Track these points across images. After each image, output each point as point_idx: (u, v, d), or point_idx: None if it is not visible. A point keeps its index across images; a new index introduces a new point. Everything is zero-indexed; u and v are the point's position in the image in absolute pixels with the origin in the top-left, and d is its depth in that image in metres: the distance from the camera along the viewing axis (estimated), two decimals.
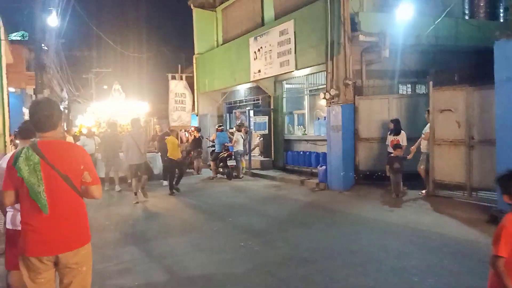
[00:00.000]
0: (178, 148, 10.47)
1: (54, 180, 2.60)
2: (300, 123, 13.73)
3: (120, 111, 14.21)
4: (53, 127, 2.71)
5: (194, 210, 8.70)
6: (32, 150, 2.59)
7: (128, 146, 9.42)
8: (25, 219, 2.63)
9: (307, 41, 11.34)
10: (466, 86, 8.03)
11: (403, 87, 11.87)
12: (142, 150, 9.39)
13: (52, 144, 2.68)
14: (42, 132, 2.70)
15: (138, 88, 24.17)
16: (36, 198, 2.54)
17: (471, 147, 7.88)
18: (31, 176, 2.54)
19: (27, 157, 2.57)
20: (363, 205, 8.46)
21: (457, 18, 11.64)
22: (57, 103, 2.93)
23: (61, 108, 2.93)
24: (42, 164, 2.58)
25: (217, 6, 18.07)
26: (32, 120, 2.74)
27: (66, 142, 3.00)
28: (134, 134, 9.52)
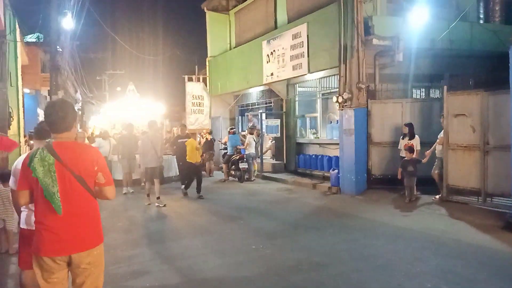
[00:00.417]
0: (197, 152, 10.17)
1: (68, 180, 2.64)
2: (312, 126, 13.71)
3: (135, 111, 14.15)
4: (68, 128, 2.75)
5: (206, 212, 8.73)
6: (47, 151, 2.63)
7: (145, 148, 9.31)
8: (39, 219, 2.67)
9: (320, 44, 11.33)
10: (481, 91, 7.95)
11: (416, 91, 11.78)
12: (158, 153, 9.30)
13: (66, 145, 2.72)
14: (57, 133, 2.74)
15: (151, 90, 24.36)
16: (51, 199, 2.58)
17: (486, 152, 7.79)
18: (45, 176, 2.58)
19: (42, 158, 2.61)
20: (376, 209, 8.41)
21: (472, 22, 11.53)
22: (72, 104, 2.96)
23: (76, 110, 2.97)
24: (56, 164, 2.62)
25: (230, 9, 18.17)
26: (47, 121, 2.78)
27: (81, 143, 3.03)
28: (151, 137, 9.40)
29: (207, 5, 18.25)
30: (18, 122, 11.27)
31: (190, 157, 10.06)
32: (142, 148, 9.44)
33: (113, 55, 29.89)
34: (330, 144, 11.97)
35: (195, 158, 10.09)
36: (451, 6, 11.49)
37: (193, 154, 10.04)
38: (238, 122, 17.96)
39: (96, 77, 29.28)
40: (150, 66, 28.25)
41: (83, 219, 2.70)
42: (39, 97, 20.74)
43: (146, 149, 9.27)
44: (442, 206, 8.19)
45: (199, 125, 10.27)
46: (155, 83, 28.15)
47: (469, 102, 8.12)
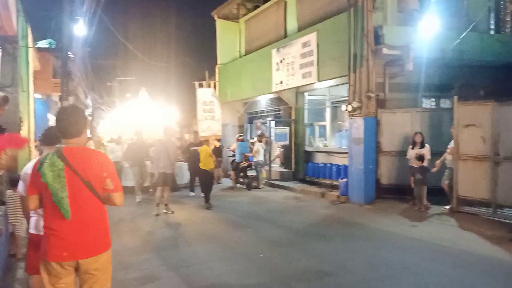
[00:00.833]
0: (211, 158, 9.94)
1: (77, 186, 2.65)
2: (321, 134, 13.70)
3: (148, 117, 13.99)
4: (78, 134, 2.78)
5: (213, 219, 8.74)
6: (57, 156, 2.66)
7: (159, 154, 9.19)
8: (48, 223, 2.68)
9: (330, 53, 11.36)
10: (492, 102, 7.90)
11: (426, 101, 11.72)
12: (172, 159, 9.22)
13: (76, 150, 2.74)
14: (67, 138, 2.76)
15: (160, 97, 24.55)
16: (59, 204, 2.59)
17: (496, 163, 7.71)
18: (55, 181, 2.60)
19: (52, 163, 2.63)
20: (385, 219, 8.35)
21: (483, 33, 11.48)
22: (83, 110, 2.99)
23: (86, 116, 3.00)
24: (66, 170, 2.64)
25: (240, 18, 18.30)
26: (58, 126, 2.80)
27: (90, 149, 3.06)
28: (166, 142, 9.30)
29: (218, 13, 18.41)
30: (29, 127, 11.40)
31: (204, 164, 9.87)
32: (156, 154, 9.32)
33: (124, 62, 30.25)
34: (339, 153, 11.93)
35: (209, 165, 9.91)
36: (462, 16, 11.45)
37: (207, 161, 9.86)
38: (247, 129, 18.00)
39: (107, 83, 29.60)
40: (160, 72, 28.52)
41: (91, 224, 2.71)
42: (50, 103, 20.99)
43: (159, 155, 9.18)
44: (452, 217, 8.11)
45: (211, 132, 10.06)
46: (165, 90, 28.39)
47: (479, 113, 8.07)
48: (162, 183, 9.18)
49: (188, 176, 12.39)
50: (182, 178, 13.00)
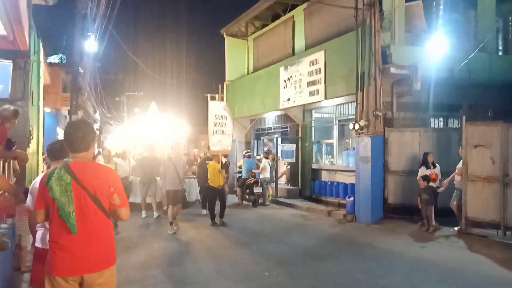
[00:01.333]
0: (219, 175, 9.58)
1: (84, 200, 2.66)
2: (328, 152, 13.66)
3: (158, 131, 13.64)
4: (86, 148, 2.80)
5: (219, 236, 8.67)
6: (64, 170, 2.67)
7: (167, 170, 9.09)
8: (54, 237, 2.68)
9: (337, 71, 11.41)
10: (501, 122, 7.86)
11: (435, 121, 11.69)
12: (181, 176, 9.12)
13: (84, 165, 2.76)
14: (75, 153, 2.78)
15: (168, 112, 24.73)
16: (66, 218, 2.60)
17: (506, 184, 7.62)
18: (62, 195, 2.61)
19: (60, 177, 2.65)
20: (392, 239, 8.24)
21: (491, 53, 11.49)
22: (91, 125, 3.01)
23: (95, 130, 3.02)
24: (73, 184, 2.65)
25: (249, 35, 18.52)
26: (66, 140, 2.83)
27: (98, 163, 3.07)
28: (174, 159, 9.22)
29: (226, 31, 18.65)
30: (38, 140, 11.49)
31: (211, 181, 9.65)
32: (165, 170, 9.20)
33: (133, 77, 30.61)
34: (346, 171, 11.87)
35: (217, 181, 9.59)
36: (470, 37, 11.49)
37: (215, 177, 9.60)
38: (254, 146, 18.02)
39: (115, 98, 29.90)
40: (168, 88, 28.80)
41: (97, 239, 2.70)
42: (59, 116, 21.20)
43: (168, 172, 9.06)
44: (460, 239, 7.98)
45: (221, 147, 9.83)
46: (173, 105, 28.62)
47: (488, 133, 8.02)
48: (172, 200, 9.03)
49: (197, 192, 12.12)
50: (191, 195, 12.71)
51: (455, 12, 11.34)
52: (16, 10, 5.94)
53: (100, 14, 14.84)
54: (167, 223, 9.03)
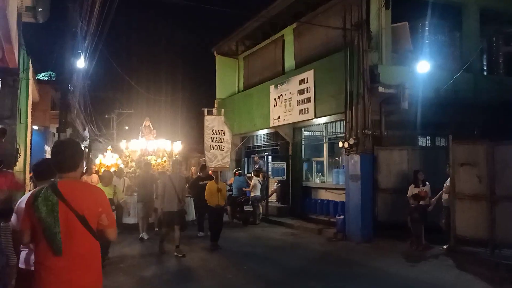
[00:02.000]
0: (217, 194, 8.96)
1: (71, 221, 2.62)
2: (319, 170, 13.71)
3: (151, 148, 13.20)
4: (74, 168, 2.77)
5: (208, 255, 8.57)
6: (51, 191, 2.63)
7: (165, 189, 8.30)
8: (39, 259, 2.64)
9: (327, 90, 11.56)
10: (487, 141, 8.00)
11: (422, 139, 11.86)
12: (180, 195, 8.38)
13: (72, 184, 2.73)
14: (62, 173, 2.74)
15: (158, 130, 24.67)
16: (52, 239, 2.55)
17: (493, 202, 7.72)
18: (48, 216, 2.56)
19: (46, 197, 2.60)
20: (383, 258, 8.25)
21: (476, 73, 11.78)
22: (79, 144, 2.99)
23: (82, 149, 3.01)
24: (60, 205, 2.60)
25: (239, 54, 18.73)
26: (53, 160, 2.80)
27: (85, 183, 3.06)
28: (173, 177, 8.51)
29: (217, 50, 18.85)
30: (25, 158, 11.36)
31: (209, 201, 9.06)
32: (162, 189, 8.41)
33: (123, 95, 30.55)
34: (336, 189, 11.91)
35: (214, 200, 9.00)
36: (455, 57, 11.78)
37: (212, 197, 8.99)
38: (244, 164, 18.01)
39: (105, 115, 29.78)
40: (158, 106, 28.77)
41: (84, 261, 2.67)
42: (47, 134, 21.02)
43: (166, 191, 8.30)
44: (450, 257, 8.02)
45: (218, 164, 9.27)
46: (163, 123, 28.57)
47: (474, 152, 8.15)
48: (169, 222, 8.36)
49: (193, 213, 11.57)
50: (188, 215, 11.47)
51: (440, 33, 11.65)
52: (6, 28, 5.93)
53: (91, 32, 14.90)
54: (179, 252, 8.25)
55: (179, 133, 23.13)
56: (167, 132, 23.10)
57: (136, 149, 13.24)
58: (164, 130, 23.71)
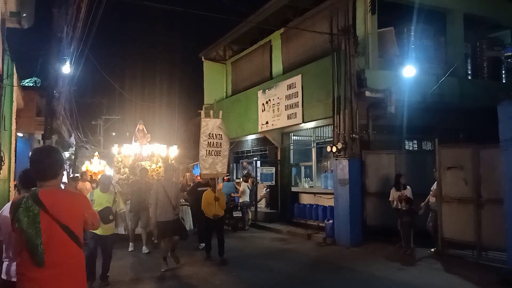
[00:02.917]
0: (215, 203, 8.36)
1: (54, 231, 2.57)
2: (307, 175, 13.74)
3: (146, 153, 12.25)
4: (55, 176, 2.71)
5: (197, 262, 8.50)
6: (32, 201, 2.56)
7: (158, 197, 7.65)
8: (21, 270, 2.58)
9: (314, 95, 11.62)
10: (472, 145, 8.10)
11: (409, 143, 11.98)
12: (173, 203, 7.68)
13: (53, 193, 2.67)
14: (43, 181, 2.68)
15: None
16: (33, 251, 2.50)
17: (479, 205, 7.81)
18: (30, 227, 2.51)
19: (27, 208, 2.54)
20: (372, 262, 8.28)
21: (461, 78, 11.96)
22: (59, 151, 2.93)
23: (62, 156, 2.91)
24: (42, 215, 2.55)
25: (227, 59, 18.74)
26: (33, 169, 2.73)
27: (67, 191, 3.03)
28: (166, 183, 7.83)
29: (205, 55, 18.83)
30: (9, 166, 11.16)
31: (206, 211, 8.46)
32: (155, 198, 7.73)
33: (110, 101, 30.28)
34: (325, 194, 11.93)
35: (212, 211, 8.38)
36: (440, 62, 11.93)
37: (209, 206, 8.42)
38: (233, 169, 17.97)
39: (92, 121, 29.48)
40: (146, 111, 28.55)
41: (67, 271, 2.62)
42: (32, 141, 20.72)
43: (158, 198, 7.66)
44: (438, 260, 8.09)
45: (214, 170, 8.63)
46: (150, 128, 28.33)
47: (460, 155, 8.25)
48: (167, 233, 7.65)
49: (191, 222, 10.91)
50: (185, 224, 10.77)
51: (426, 38, 11.80)
52: None
53: (77, 37, 14.75)
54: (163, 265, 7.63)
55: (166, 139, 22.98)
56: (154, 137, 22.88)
57: (129, 154, 12.29)
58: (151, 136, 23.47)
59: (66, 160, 24.89)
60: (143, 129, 13.08)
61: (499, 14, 12.75)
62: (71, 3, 11.89)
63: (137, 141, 12.73)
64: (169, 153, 12.72)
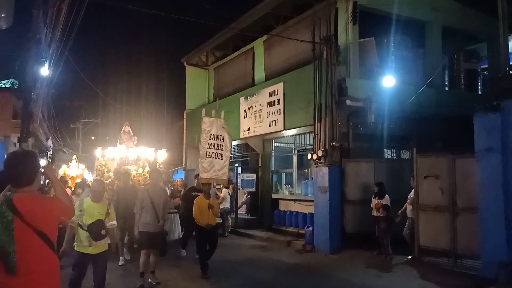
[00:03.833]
0: (208, 211, 7.56)
1: (28, 237, 2.52)
2: (288, 182, 13.80)
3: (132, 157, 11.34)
4: (29, 182, 2.66)
5: (174, 269, 8.37)
6: (6, 206, 2.51)
7: (143, 205, 6.81)
8: None
9: (296, 102, 11.70)
10: (448, 154, 8.29)
11: (388, 151, 12.17)
12: (160, 213, 6.81)
13: (28, 198, 2.61)
14: (17, 187, 2.63)
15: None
16: (5, 258, 2.44)
17: (455, 214, 7.97)
18: (2, 234, 2.45)
19: (1, 214, 2.48)
20: (350, 269, 8.35)
21: (438, 88, 12.25)
22: (34, 155, 2.86)
23: (37, 161, 2.82)
24: (16, 221, 2.49)
25: (210, 65, 18.74)
26: (7, 174, 2.67)
27: (42, 196, 2.97)
28: (151, 190, 6.93)
29: (187, 60, 18.79)
30: None
31: (198, 219, 7.64)
32: (140, 205, 6.84)
33: (89, 104, 29.82)
34: (305, 201, 12.00)
35: (205, 219, 7.56)
36: (418, 72, 12.21)
37: (202, 214, 7.60)
38: None
39: (70, 125, 28.95)
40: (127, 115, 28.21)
41: (39, 278, 2.56)
42: (7, 144, 20.22)
43: (143, 207, 6.80)
44: (414, 267, 8.21)
45: (214, 174, 7.83)
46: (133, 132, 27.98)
47: (437, 164, 8.43)
48: (147, 245, 6.80)
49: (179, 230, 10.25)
50: (173, 233, 10.32)
51: (405, 49, 12.06)
52: None
53: (56, 39, 14.52)
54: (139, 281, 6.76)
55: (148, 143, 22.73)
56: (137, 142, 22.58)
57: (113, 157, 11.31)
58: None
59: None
60: (129, 131, 12.22)
61: (476, 27, 13.14)
62: (51, 4, 11.70)
63: (122, 144, 11.85)
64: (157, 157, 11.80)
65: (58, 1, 12.05)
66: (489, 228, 6.83)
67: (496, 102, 6.95)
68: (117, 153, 11.34)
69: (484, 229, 6.94)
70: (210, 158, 7.90)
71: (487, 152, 6.94)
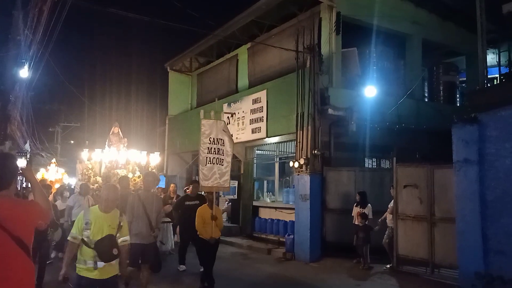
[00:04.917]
0: (211, 223, 6.82)
1: (6, 243, 2.46)
2: (270, 189, 13.79)
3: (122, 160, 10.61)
4: (6, 186, 2.61)
5: (154, 278, 8.26)
6: None
7: (134, 214, 6.11)
8: None
9: (279, 110, 11.75)
10: (427, 164, 8.42)
11: (369, 161, 12.30)
12: (153, 222, 6.23)
13: (5, 203, 2.56)
14: None
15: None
16: None
17: (433, 223, 8.09)
18: None
19: None
20: (329, 277, 8.37)
21: (418, 100, 12.48)
22: (12, 159, 2.81)
23: (15, 165, 2.75)
24: None
25: (193, 71, 18.68)
26: None
27: (20, 200, 2.90)
28: (144, 196, 6.37)
29: (171, 65, 18.70)
30: None
31: (201, 232, 6.88)
32: (131, 213, 6.08)
33: (69, 108, 29.34)
34: (287, 209, 11.99)
35: (209, 232, 6.83)
36: (399, 84, 12.43)
37: (206, 227, 6.85)
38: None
39: (49, 128, 28.41)
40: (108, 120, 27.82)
41: (16, 284, 2.50)
42: None
43: (135, 215, 6.13)
44: (393, 276, 8.28)
45: (215, 182, 7.18)
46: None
47: (416, 174, 8.55)
48: (136, 258, 5.94)
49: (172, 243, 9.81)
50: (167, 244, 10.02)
51: (386, 60, 12.29)
52: None
53: (37, 41, 14.27)
54: None
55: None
56: None
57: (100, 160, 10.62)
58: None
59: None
60: (118, 132, 11.31)
61: (455, 41, 13.48)
62: (32, 6, 11.50)
63: (111, 146, 10.98)
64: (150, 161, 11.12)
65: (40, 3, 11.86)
66: (465, 239, 6.95)
67: (474, 114, 7.09)
68: (106, 156, 10.57)
69: (460, 240, 7.06)
70: (211, 164, 7.23)
71: (464, 164, 7.08)
